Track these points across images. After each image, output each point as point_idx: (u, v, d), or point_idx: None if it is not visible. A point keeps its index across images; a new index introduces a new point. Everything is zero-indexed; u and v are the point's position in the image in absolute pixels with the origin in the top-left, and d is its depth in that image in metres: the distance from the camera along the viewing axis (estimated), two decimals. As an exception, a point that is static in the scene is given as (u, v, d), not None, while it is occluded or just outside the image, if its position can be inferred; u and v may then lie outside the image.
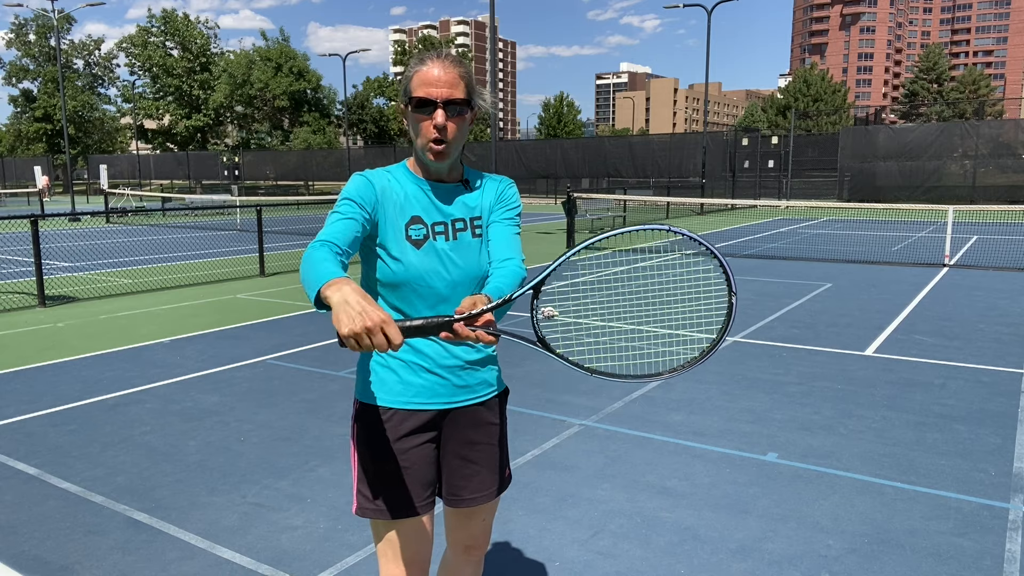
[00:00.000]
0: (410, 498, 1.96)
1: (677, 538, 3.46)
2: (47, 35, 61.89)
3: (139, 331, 8.14)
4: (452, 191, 1.98)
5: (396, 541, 1.98)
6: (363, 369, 2.03)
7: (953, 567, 3.19)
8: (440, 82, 1.83)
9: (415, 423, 1.97)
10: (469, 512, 2.11)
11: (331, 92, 65.45)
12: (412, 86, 1.86)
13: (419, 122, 1.86)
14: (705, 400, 5.47)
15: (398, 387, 1.96)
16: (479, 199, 2.01)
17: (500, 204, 2.03)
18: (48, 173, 50.68)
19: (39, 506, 3.87)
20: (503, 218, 2.02)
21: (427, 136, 1.85)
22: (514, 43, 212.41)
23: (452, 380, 1.98)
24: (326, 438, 4.78)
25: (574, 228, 17.79)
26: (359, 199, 1.87)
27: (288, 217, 28.62)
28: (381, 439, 1.97)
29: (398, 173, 1.98)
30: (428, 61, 1.86)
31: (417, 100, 1.84)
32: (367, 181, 1.91)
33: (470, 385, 2.01)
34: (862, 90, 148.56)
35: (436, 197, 1.96)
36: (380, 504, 1.96)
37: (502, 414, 2.13)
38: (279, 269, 13.17)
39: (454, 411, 2.01)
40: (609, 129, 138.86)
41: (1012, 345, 7.12)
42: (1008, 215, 25.02)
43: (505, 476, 2.15)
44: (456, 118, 1.86)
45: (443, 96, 1.82)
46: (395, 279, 1.91)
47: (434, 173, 1.96)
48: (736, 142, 38.42)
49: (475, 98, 1.91)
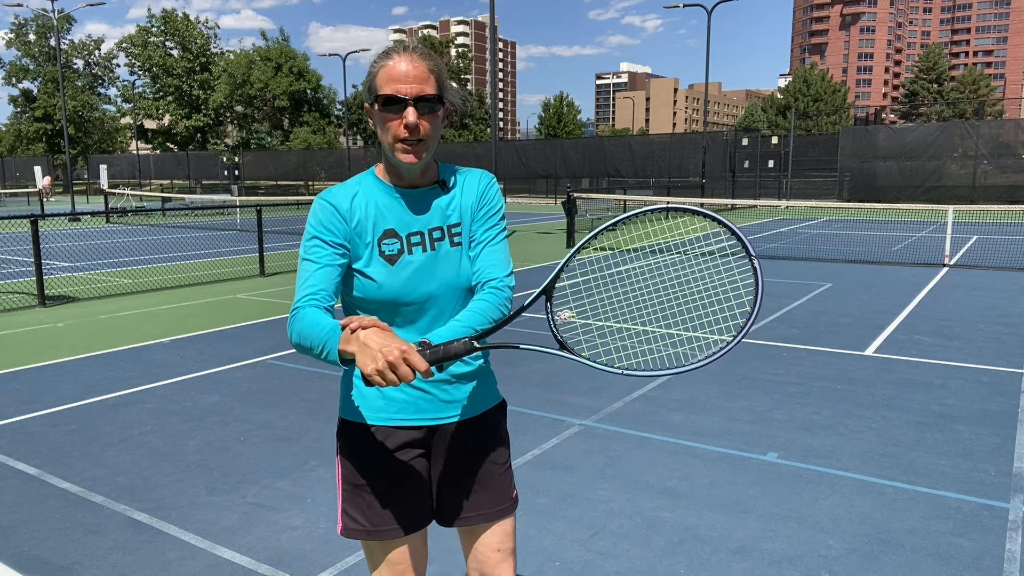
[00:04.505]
0: (395, 518, 1.86)
1: (677, 538, 3.46)
2: (47, 35, 61.93)
3: (139, 331, 8.14)
4: (427, 196, 1.83)
5: (386, 561, 1.88)
6: (346, 384, 1.91)
7: (953, 567, 3.19)
8: (409, 77, 1.68)
9: (399, 440, 1.86)
10: (471, 536, 1.97)
11: (331, 92, 65.50)
12: (378, 83, 1.71)
13: (387, 122, 1.71)
14: (705, 400, 5.47)
15: (380, 402, 1.84)
16: (457, 201, 1.86)
17: (482, 208, 1.88)
18: (49, 173, 50.72)
19: (39, 506, 3.87)
20: (487, 227, 1.87)
21: (397, 136, 1.71)
22: (514, 43, 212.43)
23: (437, 395, 1.86)
24: (326, 438, 4.78)
25: (574, 228, 17.79)
26: (329, 237, 1.75)
27: (288, 217, 28.62)
28: (365, 457, 1.86)
29: (367, 183, 1.84)
30: (394, 55, 1.71)
31: (384, 98, 1.69)
32: (332, 210, 1.77)
33: (457, 400, 1.88)
34: (862, 90, 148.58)
35: (410, 205, 1.82)
36: (365, 524, 1.86)
37: (498, 429, 1.98)
38: (279, 269, 13.17)
39: (443, 427, 1.89)
40: (609, 129, 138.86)
41: (1012, 345, 7.12)
42: (1008, 215, 25.02)
43: (511, 497, 1.97)
44: (428, 115, 1.71)
45: (413, 93, 1.68)
46: (370, 297, 1.79)
47: (407, 177, 1.81)
48: (736, 142, 38.41)
49: (447, 93, 1.76)
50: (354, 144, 63.96)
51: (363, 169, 1.96)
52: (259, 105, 63.55)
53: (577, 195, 19.32)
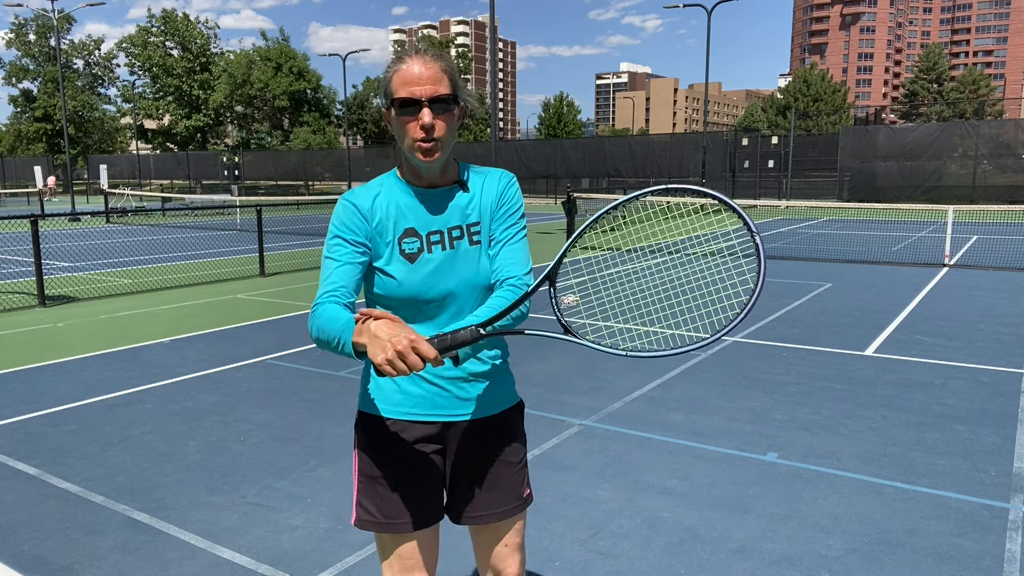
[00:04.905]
0: (408, 511, 1.89)
1: (677, 538, 3.46)
2: (47, 35, 61.89)
3: (139, 331, 8.14)
4: (446, 196, 1.87)
5: (397, 554, 1.92)
6: (365, 378, 1.96)
7: (953, 567, 3.19)
8: (423, 79, 1.72)
9: (415, 435, 1.90)
10: (481, 531, 2.01)
11: (331, 92, 65.46)
12: (393, 87, 1.75)
13: (404, 124, 1.74)
14: (705, 400, 5.47)
15: (397, 396, 1.89)
16: (477, 201, 1.89)
17: (502, 208, 1.91)
18: (51, 173, 50.73)
19: (39, 506, 3.87)
20: (506, 226, 1.90)
21: (414, 137, 1.74)
22: (514, 43, 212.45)
23: (453, 392, 1.89)
24: (326, 438, 4.78)
25: (574, 228, 17.80)
26: (351, 236, 1.80)
27: (288, 217, 28.63)
28: (380, 449, 1.91)
29: (388, 184, 1.88)
30: (407, 59, 1.75)
31: (400, 101, 1.73)
32: (354, 210, 1.82)
33: (473, 398, 1.92)
34: (862, 90, 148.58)
35: (430, 205, 1.86)
36: (378, 516, 1.90)
37: (514, 429, 2.01)
38: (279, 269, 13.17)
39: (458, 425, 1.92)
40: (609, 129, 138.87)
41: (1012, 345, 7.12)
42: (1008, 215, 25.02)
43: (523, 496, 2.01)
44: (444, 115, 1.75)
45: (427, 94, 1.72)
46: (391, 294, 1.84)
47: (426, 177, 1.85)
48: (736, 142, 38.42)
49: (460, 93, 1.80)
50: (354, 144, 63.95)
51: (362, 169, 1.98)
52: (259, 105, 63.51)
53: (577, 195, 19.33)
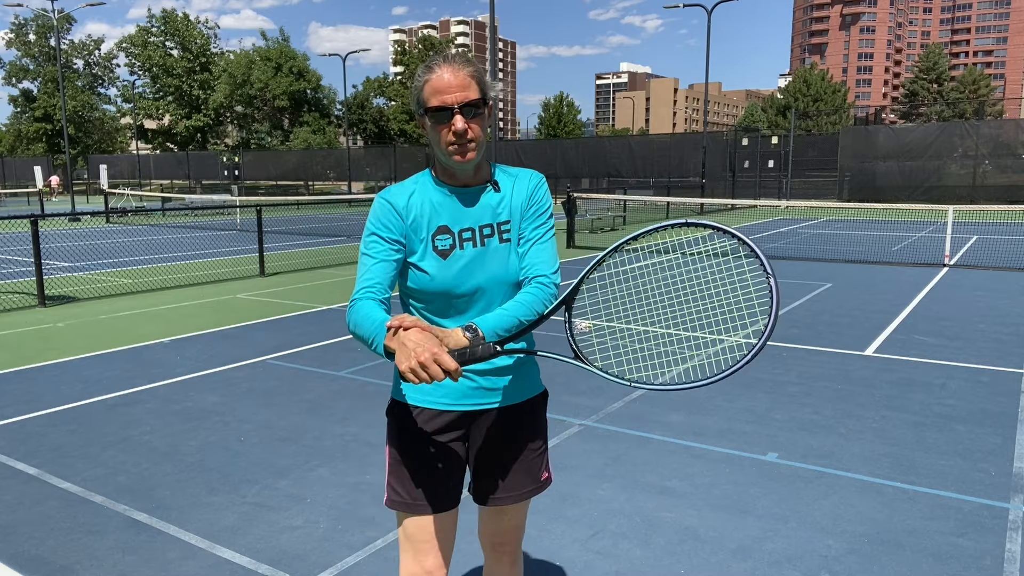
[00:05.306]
0: (430, 495, 1.99)
1: (677, 538, 3.46)
2: (47, 35, 61.89)
3: (139, 331, 8.14)
4: (478, 195, 1.96)
5: (415, 535, 2.01)
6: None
7: (953, 567, 3.19)
8: (453, 87, 1.80)
9: (441, 422, 2.00)
10: (497, 510, 2.13)
11: (331, 92, 65.44)
12: (425, 96, 1.84)
13: (438, 130, 1.84)
14: (705, 400, 5.47)
15: (425, 386, 1.96)
16: (508, 200, 1.98)
17: (531, 208, 1.99)
18: (53, 173, 50.73)
19: (39, 506, 3.87)
20: (535, 226, 1.99)
21: (448, 142, 1.83)
22: (514, 43, 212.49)
23: (480, 382, 1.99)
24: (326, 438, 4.78)
25: (574, 228, 17.81)
26: (386, 233, 1.89)
27: (288, 217, 28.63)
28: (408, 435, 2.01)
29: (423, 182, 1.97)
30: (436, 68, 1.83)
31: (433, 109, 1.82)
32: (390, 208, 1.91)
33: (499, 388, 2.01)
34: (862, 90, 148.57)
35: (463, 203, 1.95)
36: (405, 496, 2.00)
37: (537, 417, 2.12)
38: (279, 269, 13.17)
39: (484, 413, 2.02)
40: (609, 129, 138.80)
41: (1012, 345, 7.12)
42: (1008, 215, 25.02)
43: (542, 479, 2.13)
44: (475, 118, 1.84)
45: (458, 101, 1.80)
46: (423, 288, 1.92)
47: (460, 177, 1.94)
48: (736, 142, 38.40)
49: (489, 93, 1.89)
50: (354, 144, 63.92)
51: (362, 169, 2.02)
52: (259, 105, 63.48)
53: (577, 195, 19.34)
